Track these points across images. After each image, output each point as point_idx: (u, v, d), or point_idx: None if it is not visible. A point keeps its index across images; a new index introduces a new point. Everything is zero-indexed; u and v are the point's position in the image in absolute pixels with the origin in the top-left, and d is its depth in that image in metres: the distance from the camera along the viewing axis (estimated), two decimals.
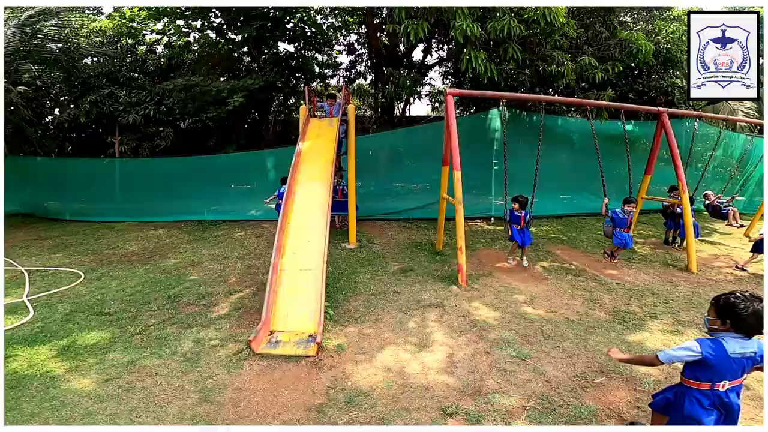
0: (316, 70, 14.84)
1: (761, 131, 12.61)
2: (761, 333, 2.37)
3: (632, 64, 9.75)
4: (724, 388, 2.42)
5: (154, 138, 11.45)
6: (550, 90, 10.49)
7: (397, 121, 15.23)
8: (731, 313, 2.38)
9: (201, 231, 9.26)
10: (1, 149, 6.38)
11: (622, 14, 11.22)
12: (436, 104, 17.92)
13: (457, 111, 14.25)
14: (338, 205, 8.71)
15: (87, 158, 11.79)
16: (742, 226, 9.36)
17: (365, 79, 16.14)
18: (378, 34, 12.92)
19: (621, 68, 9.13)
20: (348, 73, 16.04)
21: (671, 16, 12.78)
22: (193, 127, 11.80)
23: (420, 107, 20.09)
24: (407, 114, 16.64)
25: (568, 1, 8.65)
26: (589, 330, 4.57)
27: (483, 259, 7.12)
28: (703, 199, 9.26)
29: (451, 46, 12.39)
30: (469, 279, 5.98)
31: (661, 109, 7.22)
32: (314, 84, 14.63)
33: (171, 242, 8.36)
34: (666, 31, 11.26)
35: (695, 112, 8.55)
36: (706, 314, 2.54)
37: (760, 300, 2.36)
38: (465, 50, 7.94)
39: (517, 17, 7.77)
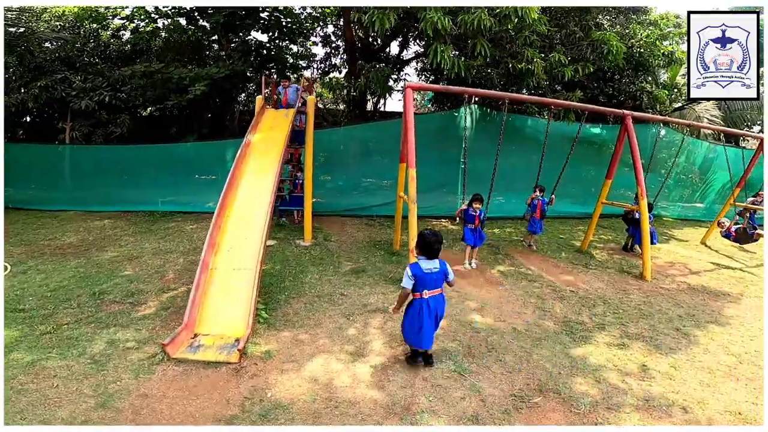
0: (290, 60, 14.40)
1: (728, 139, 12.74)
2: (435, 257, 3.62)
3: (604, 67, 9.61)
4: (427, 296, 3.61)
5: (109, 125, 10.84)
6: (524, 91, 10.30)
7: (371, 116, 14.88)
8: (418, 242, 3.66)
9: (150, 223, 8.77)
10: (0, 147, 5.91)
11: (600, 17, 11.08)
12: None
13: (432, 108, 14.02)
14: (296, 200, 8.38)
15: (37, 144, 11.12)
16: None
17: (340, 72, 15.73)
18: (354, 26, 12.56)
19: (592, 69, 8.98)
20: (322, 65, 15.61)
21: (648, 21, 12.73)
22: (154, 115, 11.25)
23: (396, 103, 19.80)
24: (381, 109, 16.29)
25: (543, 0, 8.46)
26: (535, 341, 4.36)
27: None
28: (720, 229, 8.40)
29: (425, 40, 12.14)
30: None
31: (626, 111, 7.04)
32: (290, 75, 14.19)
33: (114, 234, 7.86)
34: (640, 35, 11.18)
35: (661, 117, 8.44)
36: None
37: (435, 234, 3.61)
38: (432, 44, 7.68)
39: (489, 12, 7.55)
